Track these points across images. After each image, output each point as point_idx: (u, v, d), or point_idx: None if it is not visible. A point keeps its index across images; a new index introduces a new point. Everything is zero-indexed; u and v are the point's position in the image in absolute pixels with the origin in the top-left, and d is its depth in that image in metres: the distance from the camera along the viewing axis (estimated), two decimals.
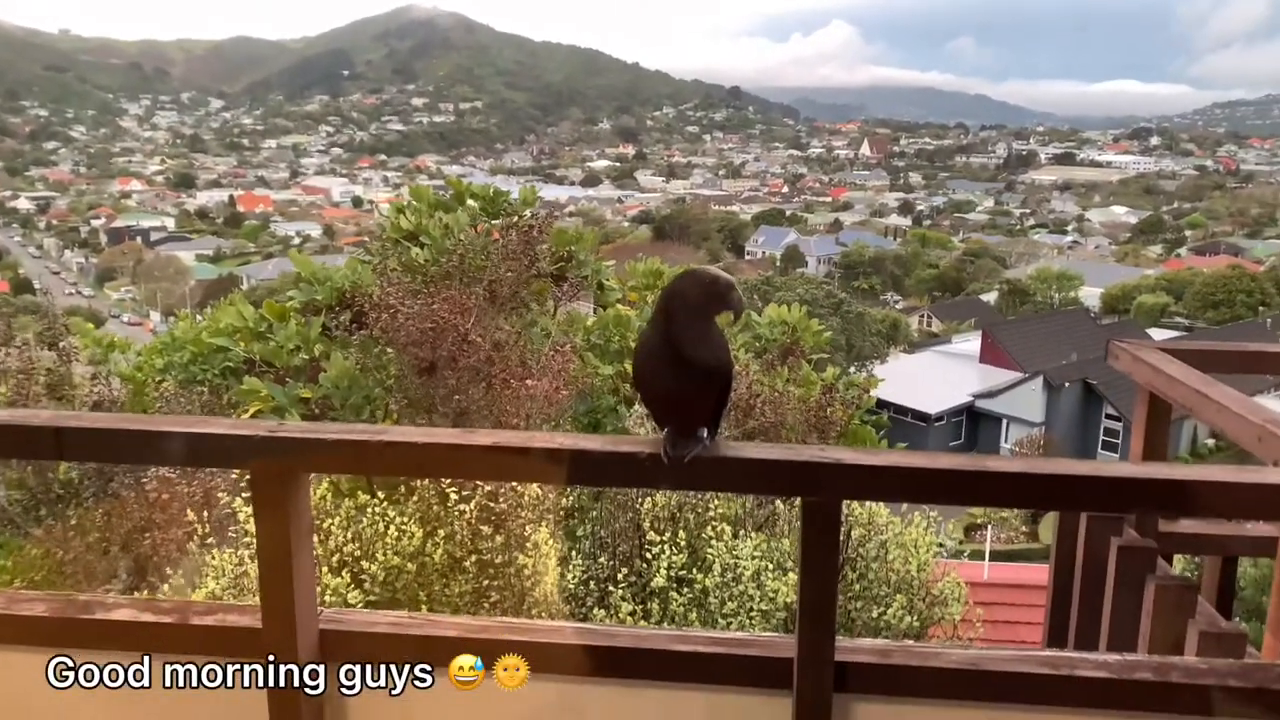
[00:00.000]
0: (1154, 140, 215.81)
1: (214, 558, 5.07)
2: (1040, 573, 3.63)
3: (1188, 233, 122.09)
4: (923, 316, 71.03)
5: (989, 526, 23.98)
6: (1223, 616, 3.36)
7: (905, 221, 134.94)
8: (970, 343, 49.82)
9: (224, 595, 4.87)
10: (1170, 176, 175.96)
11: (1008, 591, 9.17)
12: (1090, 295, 72.81)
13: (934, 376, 44.08)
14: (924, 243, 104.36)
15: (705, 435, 1.97)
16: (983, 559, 13.21)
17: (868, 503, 5.76)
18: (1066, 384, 40.75)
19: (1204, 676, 2.02)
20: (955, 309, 70.25)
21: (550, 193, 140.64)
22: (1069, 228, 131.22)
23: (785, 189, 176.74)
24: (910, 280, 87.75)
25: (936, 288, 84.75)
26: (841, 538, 5.49)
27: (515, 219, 8.93)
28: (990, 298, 74.35)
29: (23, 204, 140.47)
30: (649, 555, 5.33)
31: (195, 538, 5.78)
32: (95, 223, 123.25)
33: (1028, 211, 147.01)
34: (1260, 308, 58.50)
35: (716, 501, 5.67)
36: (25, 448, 2.27)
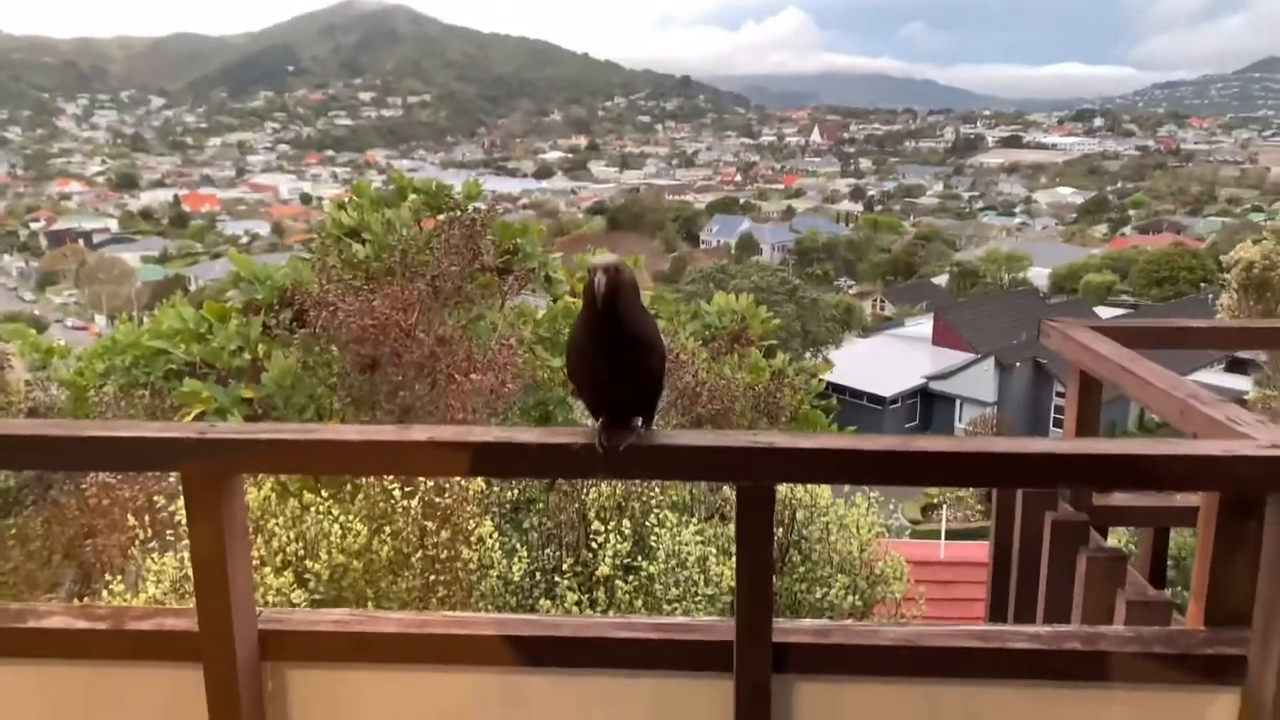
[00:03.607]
0: (1097, 122, 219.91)
1: (154, 562, 5.01)
2: None
3: (1131, 212, 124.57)
4: (876, 300, 71.69)
5: (945, 506, 24.30)
6: (1157, 586, 3.46)
7: (857, 207, 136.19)
8: (923, 325, 50.41)
9: (165, 599, 4.81)
10: (1114, 157, 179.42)
11: (963, 569, 9.32)
12: (1039, 275, 74.00)
13: (888, 359, 44.59)
14: (876, 227, 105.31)
15: (640, 425, 1.99)
16: (939, 538, 13.43)
17: (810, 486, 5.86)
18: (1018, 363, 41.45)
19: (1130, 644, 2.09)
20: (908, 292, 71.01)
21: (503, 185, 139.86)
22: (1017, 209, 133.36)
23: (738, 177, 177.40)
24: (863, 265, 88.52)
25: (889, 272, 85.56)
26: (786, 520, 5.61)
27: (457, 213, 8.85)
28: (942, 280, 75.27)
29: None
30: (594, 545, 5.36)
31: (137, 543, 5.70)
32: (35, 225, 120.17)
33: (976, 194, 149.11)
34: (1202, 284, 59.75)
35: (659, 490, 5.71)
36: None
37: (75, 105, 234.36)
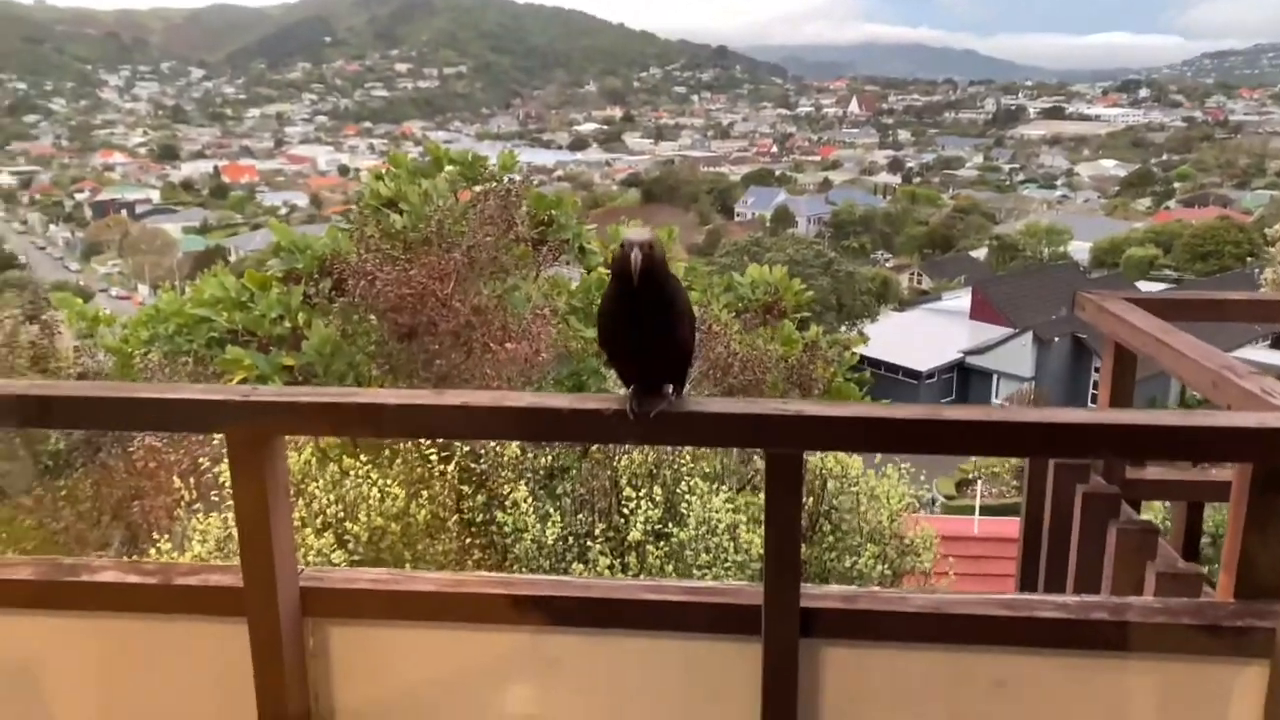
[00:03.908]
0: (1143, 92, 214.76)
1: (199, 522, 5.16)
2: None
3: (1176, 185, 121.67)
4: (913, 274, 71.03)
5: (979, 481, 24.17)
6: (1189, 560, 3.44)
7: (895, 179, 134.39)
8: (960, 299, 49.94)
9: (209, 558, 4.96)
10: (1159, 129, 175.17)
11: (997, 545, 9.30)
12: (1080, 249, 72.78)
13: (925, 334, 44.24)
14: (913, 200, 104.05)
15: (671, 392, 2.01)
16: (974, 513, 13.39)
17: (841, 456, 5.90)
18: (1056, 338, 40.95)
19: (1158, 615, 2.09)
20: (945, 266, 70.23)
21: (538, 157, 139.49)
22: (1058, 182, 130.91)
23: (774, 149, 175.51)
24: (900, 238, 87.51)
25: (926, 245, 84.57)
26: (817, 490, 5.64)
27: (491, 184, 8.93)
28: (980, 254, 74.32)
29: (4, 179, 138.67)
30: (626, 511, 5.43)
31: (183, 504, 5.87)
32: (79, 196, 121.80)
33: (1017, 167, 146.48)
34: (1249, 258, 58.42)
35: (690, 458, 5.77)
36: (11, 415, 2.32)
37: (117, 77, 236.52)
